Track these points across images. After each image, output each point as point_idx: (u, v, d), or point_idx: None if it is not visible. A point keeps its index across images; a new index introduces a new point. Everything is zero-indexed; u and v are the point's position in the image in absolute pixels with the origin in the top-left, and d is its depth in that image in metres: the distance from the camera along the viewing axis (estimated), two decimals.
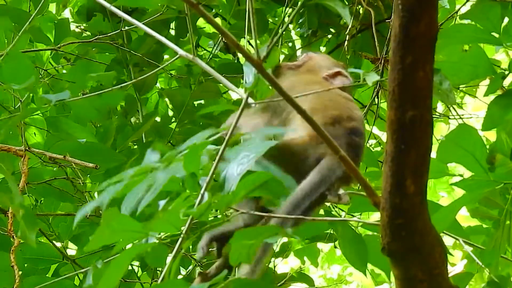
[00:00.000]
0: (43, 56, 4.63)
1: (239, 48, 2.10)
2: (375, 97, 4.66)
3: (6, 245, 3.91)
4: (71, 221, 4.31)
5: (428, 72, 1.88)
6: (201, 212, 2.03)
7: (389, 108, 1.92)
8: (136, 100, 4.91)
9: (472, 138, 2.53)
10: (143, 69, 4.93)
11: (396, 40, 1.87)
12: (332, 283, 7.35)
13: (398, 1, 1.85)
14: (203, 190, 2.10)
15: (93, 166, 3.92)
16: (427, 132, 1.93)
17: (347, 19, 4.53)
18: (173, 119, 4.99)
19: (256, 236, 1.96)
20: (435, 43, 1.88)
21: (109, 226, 1.99)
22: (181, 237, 2.08)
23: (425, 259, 2.04)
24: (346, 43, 4.65)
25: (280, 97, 2.11)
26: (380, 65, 4.42)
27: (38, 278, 4.11)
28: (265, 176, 2.10)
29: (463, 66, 3.00)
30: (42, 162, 4.09)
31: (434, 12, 1.87)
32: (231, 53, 5.24)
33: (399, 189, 1.95)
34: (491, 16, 2.85)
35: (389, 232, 1.99)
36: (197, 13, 2.01)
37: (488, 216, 3.13)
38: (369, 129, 5.03)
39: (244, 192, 2.08)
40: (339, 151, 2.10)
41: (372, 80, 2.46)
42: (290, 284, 4.99)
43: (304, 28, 5.08)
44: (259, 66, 2.05)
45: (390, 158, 1.94)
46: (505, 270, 3.72)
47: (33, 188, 4.17)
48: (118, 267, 2.04)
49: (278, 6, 5.24)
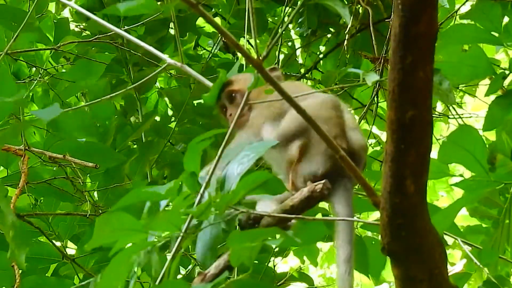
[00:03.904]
0: (42, 55, 4.62)
1: (239, 48, 2.10)
2: (374, 97, 4.66)
3: (5, 245, 3.91)
4: (71, 220, 4.31)
5: (428, 72, 1.88)
6: (201, 211, 2.03)
7: (389, 108, 1.92)
8: (135, 100, 4.92)
9: (473, 139, 2.52)
10: (143, 68, 4.93)
11: (396, 40, 1.87)
12: (331, 282, 7.35)
13: (398, 1, 1.85)
14: (203, 189, 2.10)
15: (92, 166, 3.93)
16: (427, 132, 1.93)
17: (346, 18, 4.54)
18: (173, 119, 4.99)
19: (256, 238, 1.96)
20: (435, 43, 1.88)
21: (109, 225, 1.99)
22: (181, 237, 2.08)
23: (425, 259, 2.04)
24: (345, 42, 4.66)
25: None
26: (379, 64, 4.42)
27: (38, 278, 4.11)
28: (265, 175, 2.10)
29: (463, 66, 3.01)
30: (42, 162, 4.09)
31: (434, 12, 1.87)
32: (231, 53, 5.25)
33: (399, 189, 1.95)
34: (492, 15, 2.85)
35: (389, 232, 2.00)
36: (197, 12, 2.01)
37: (487, 216, 3.14)
38: (369, 128, 5.03)
39: (244, 192, 2.08)
40: (339, 151, 2.11)
41: (372, 80, 2.46)
42: (290, 283, 4.99)
43: (304, 27, 5.08)
44: (258, 66, 2.05)
45: (390, 158, 1.94)
46: (504, 269, 3.73)
47: (33, 187, 4.17)
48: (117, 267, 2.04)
49: (277, 6, 5.24)
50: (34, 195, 4.25)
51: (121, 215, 2.01)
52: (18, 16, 3.99)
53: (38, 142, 4.22)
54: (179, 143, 4.89)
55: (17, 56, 4.51)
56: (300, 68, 5.39)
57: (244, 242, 1.94)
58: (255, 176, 2.07)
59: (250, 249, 1.96)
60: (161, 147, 4.75)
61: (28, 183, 4.01)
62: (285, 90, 2.09)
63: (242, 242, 1.95)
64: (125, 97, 4.91)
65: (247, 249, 1.96)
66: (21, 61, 4.61)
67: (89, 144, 4.04)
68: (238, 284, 2.00)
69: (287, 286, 5.00)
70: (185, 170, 2.09)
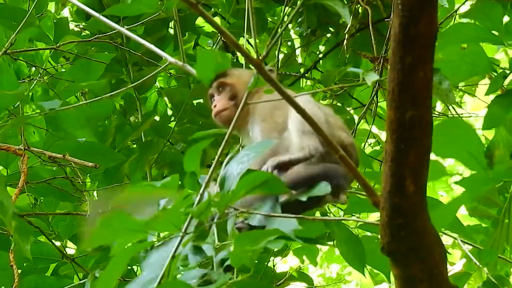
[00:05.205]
0: (42, 55, 4.62)
1: (238, 48, 2.10)
2: (374, 96, 4.66)
3: (5, 245, 3.92)
4: (71, 220, 4.31)
5: (428, 72, 1.88)
6: (201, 211, 2.03)
7: (389, 107, 1.92)
8: (135, 99, 4.92)
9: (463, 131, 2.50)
10: (142, 68, 4.93)
11: (396, 40, 1.87)
12: (331, 282, 7.36)
13: (398, 1, 1.85)
14: (202, 189, 2.10)
15: (92, 165, 3.92)
16: (426, 131, 1.93)
17: (346, 18, 4.54)
18: (172, 118, 4.99)
19: (257, 239, 1.96)
20: (434, 43, 1.88)
21: (109, 224, 1.99)
22: (181, 236, 2.08)
23: (425, 259, 2.04)
24: (345, 42, 4.66)
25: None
26: (379, 64, 4.42)
27: (38, 277, 4.11)
28: (264, 175, 2.10)
29: (462, 65, 3.00)
30: (42, 161, 4.09)
31: (434, 11, 1.86)
32: (230, 52, 5.24)
33: (399, 189, 1.95)
34: (492, 15, 2.85)
35: (389, 232, 1.99)
36: (196, 12, 2.01)
37: (487, 215, 3.13)
38: (368, 128, 5.04)
39: (244, 191, 2.08)
40: (339, 151, 2.11)
41: (372, 80, 2.46)
42: (290, 283, 4.99)
43: (303, 27, 5.08)
44: (258, 66, 2.05)
45: (389, 157, 1.94)
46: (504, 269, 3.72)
47: (33, 187, 4.17)
48: (117, 266, 2.04)
49: (277, 5, 5.24)
50: (33, 195, 4.25)
51: (121, 215, 2.01)
52: (18, 15, 3.99)
53: (38, 142, 4.21)
54: (179, 142, 4.90)
55: (16, 56, 4.51)
56: (300, 67, 5.39)
57: (246, 245, 1.94)
58: (255, 176, 2.07)
59: (251, 251, 1.96)
60: (161, 146, 4.76)
61: (27, 183, 4.01)
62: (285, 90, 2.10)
63: (244, 245, 1.95)
64: (125, 97, 4.91)
65: (248, 251, 1.96)
66: (20, 60, 4.61)
67: (88, 143, 4.04)
68: (238, 284, 2.00)
69: (286, 285, 5.00)
70: (185, 170, 2.09)
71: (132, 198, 2.11)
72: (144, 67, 4.91)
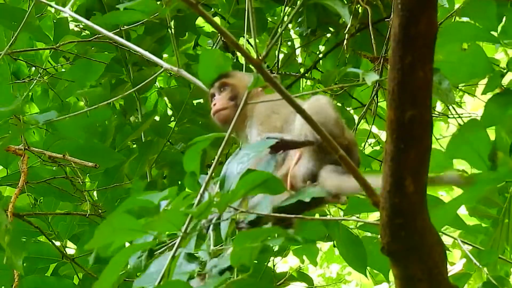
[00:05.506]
0: (42, 55, 4.62)
1: (238, 48, 2.10)
2: (374, 96, 4.66)
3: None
4: (71, 220, 4.31)
5: (428, 72, 1.88)
6: (201, 211, 2.03)
7: (389, 107, 1.92)
8: (135, 99, 4.92)
9: (480, 134, 2.51)
10: (142, 68, 4.93)
11: (396, 40, 1.87)
12: (331, 282, 7.36)
13: (398, 1, 1.85)
14: (202, 189, 2.10)
15: (92, 165, 3.93)
16: (426, 131, 1.93)
17: (346, 18, 4.54)
18: (172, 118, 4.99)
19: (257, 238, 1.96)
20: (434, 43, 1.88)
21: (109, 224, 1.99)
22: (180, 236, 2.08)
23: (425, 259, 2.04)
24: (345, 42, 4.65)
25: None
26: (379, 64, 4.42)
27: (37, 277, 4.11)
28: (264, 175, 2.10)
29: (462, 65, 3.00)
30: (42, 161, 4.09)
31: (434, 11, 1.86)
32: (230, 52, 5.24)
33: (399, 189, 1.95)
34: (488, 14, 2.85)
35: (389, 231, 1.99)
36: (196, 12, 2.01)
37: (486, 215, 3.13)
38: (368, 128, 5.03)
39: (244, 191, 2.08)
40: (339, 151, 2.11)
41: (371, 80, 2.46)
42: (289, 283, 4.99)
43: (303, 27, 5.08)
44: (258, 66, 2.05)
45: (389, 157, 1.94)
46: (503, 269, 3.73)
47: (33, 187, 4.17)
48: (116, 266, 2.04)
49: (277, 5, 5.24)
50: (33, 195, 4.25)
51: (121, 215, 2.01)
52: (17, 15, 3.99)
53: (38, 142, 4.22)
54: (179, 142, 4.90)
55: (16, 56, 4.51)
56: (300, 67, 5.39)
57: (246, 243, 1.94)
58: (255, 175, 2.07)
59: (250, 250, 1.96)
60: (161, 146, 4.76)
61: (27, 183, 4.01)
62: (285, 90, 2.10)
63: (243, 243, 1.95)
64: (125, 97, 4.91)
65: (248, 249, 1.96)
66: (20, 60, 4.61)
67: (88, 143, 4.04)
68: (238, 284, 2.00)
69: (286, 286, 5.00)
70: (185, 170, 2.10)
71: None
72: (144, 67, 4.91)
